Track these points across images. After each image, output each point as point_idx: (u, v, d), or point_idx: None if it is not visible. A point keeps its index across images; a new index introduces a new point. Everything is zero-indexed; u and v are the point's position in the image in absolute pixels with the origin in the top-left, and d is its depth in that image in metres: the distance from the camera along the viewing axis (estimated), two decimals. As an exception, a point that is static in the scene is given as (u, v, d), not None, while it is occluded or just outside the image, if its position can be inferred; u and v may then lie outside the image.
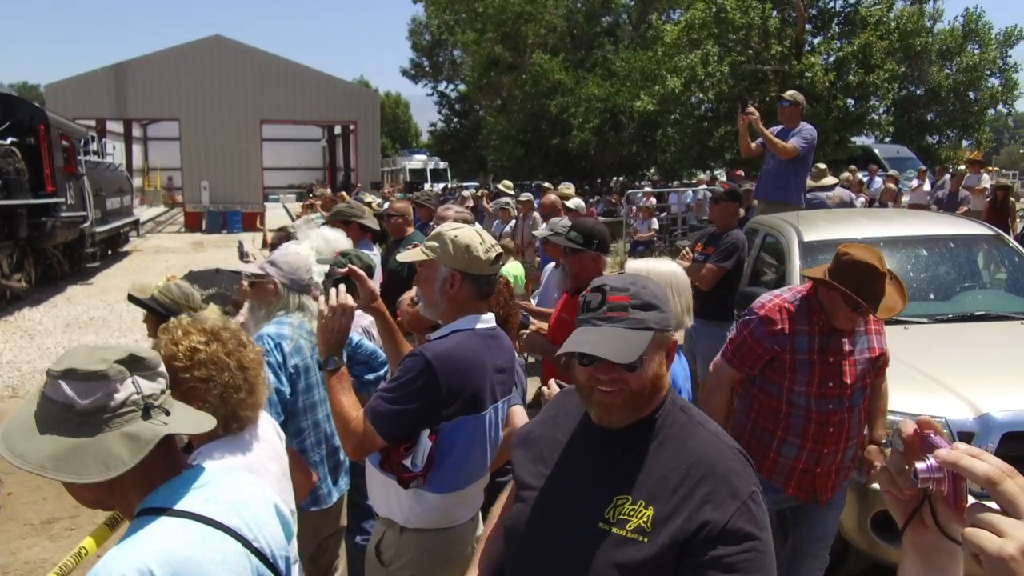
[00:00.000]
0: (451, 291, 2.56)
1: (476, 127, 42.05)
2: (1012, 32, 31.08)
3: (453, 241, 2.53)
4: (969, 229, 5.61)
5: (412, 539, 2.57)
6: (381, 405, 2.41)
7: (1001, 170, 46.41)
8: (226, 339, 2.12)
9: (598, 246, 3.99)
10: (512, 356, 2.77)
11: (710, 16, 20.81)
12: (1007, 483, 0.87)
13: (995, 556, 0.84)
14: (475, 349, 2.53)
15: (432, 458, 2.45)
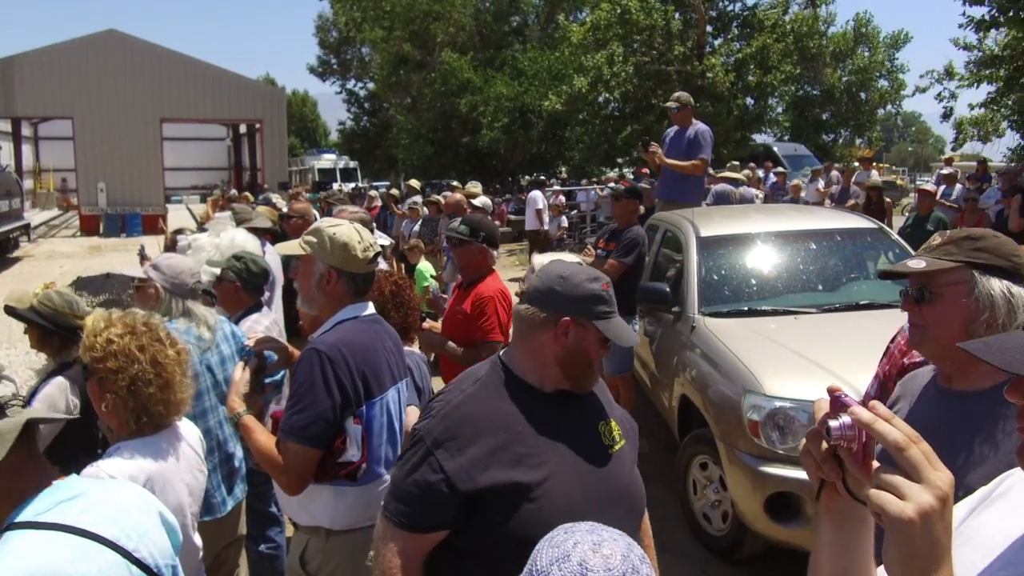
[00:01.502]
0: (327, 287, 2.55)
1: (386, 126, 41.62)
2: (898, 35, 32.76)
3: (331, 238, 2.52)
4: (854, 223, 5.89)
5: (339, 542, 2.53)
6: (296, 419, 2.35)
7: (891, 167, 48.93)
8: (141, 333, 2.23)
9: (484, 239, 4.08)
10: (397, 339, 2.78)
11: (615, 17, 21.16)
12: (912, 449, 0.91)
13: (895, 517, 0.89)
14: (363, 332, 2.53)
15: (365, 442, 2.44)
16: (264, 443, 2.43)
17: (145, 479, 2.17)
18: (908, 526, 0.88)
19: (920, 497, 0.89)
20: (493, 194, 26.51)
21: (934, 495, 0.89)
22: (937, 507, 0.89)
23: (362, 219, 4.47)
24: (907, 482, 0.90)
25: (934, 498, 0.89)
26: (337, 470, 2.40)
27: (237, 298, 3.94)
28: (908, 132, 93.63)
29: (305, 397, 2.35)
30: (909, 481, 0.90)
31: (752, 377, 4.05)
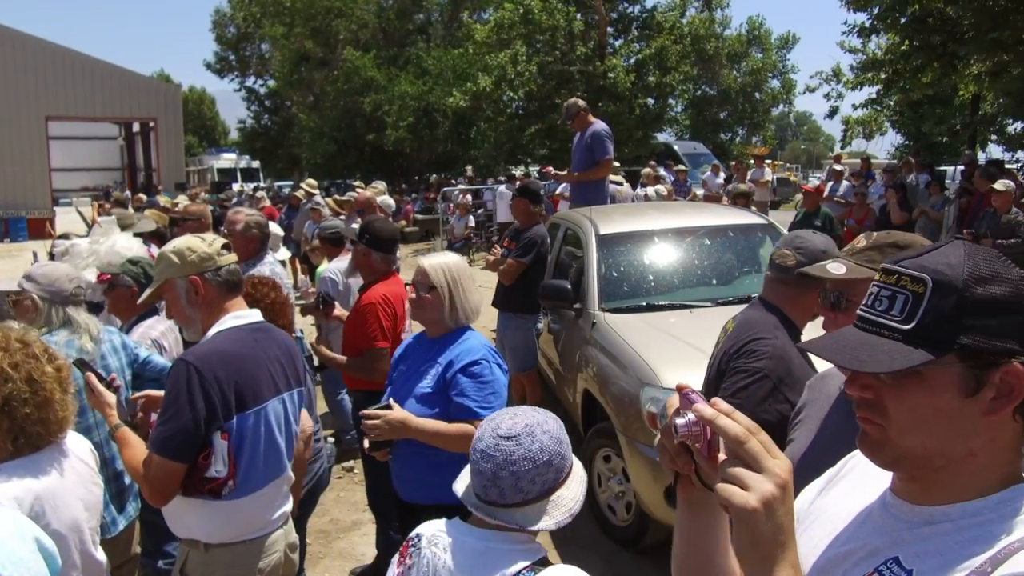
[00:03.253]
0: (198, 297, 2.52)
1: (288, 124, 40.78)
2: (788, 37, 34.19)
3: (174, 252, 2.53)
4: (747, 219, 6.11)
5: (218, 555, 2.47)
6: (161, 431, 2.32)
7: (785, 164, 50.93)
8: (15, 350, 2.10)
9: (368, 241, 4.06)
10: (288, 346, 2.73)
11: (518, 17, 21.33)
12: (752, 441, 0.97)
13: (741, 507, 0.94)
14: (241, 342, 2.49)
15: (233, 457, 2.39)
16: (134, 455, 2.39)
17: (33, 499, 2.07)
18: (752, 515, 0.93)
19: (762, 486, 0.94)
20: (400, 193, 26.31)
21: (774, 483, 0.94)
22: (778, 494, 0.94)
23: (258, 222, 4.37)
24: (749, 473, 0.95)
25: (774, 486, 0.94)
26: (202, 485, 2.35)
27: (133, 303, 3.79)
28: (801, 131, 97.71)
29: (170, 409, 2.31)
30: (751, 472, 0.95)
31: (649, 370, 4.15)
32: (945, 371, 1.00)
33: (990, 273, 1.01)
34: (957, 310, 1.00)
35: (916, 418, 1.02)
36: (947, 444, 1.02)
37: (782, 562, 0.95)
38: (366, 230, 4.13)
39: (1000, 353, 0.98)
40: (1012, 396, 0.99)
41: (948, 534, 1.02)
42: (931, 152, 24.34)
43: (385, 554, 4.26)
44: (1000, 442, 1.03)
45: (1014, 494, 1.02)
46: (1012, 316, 0.99)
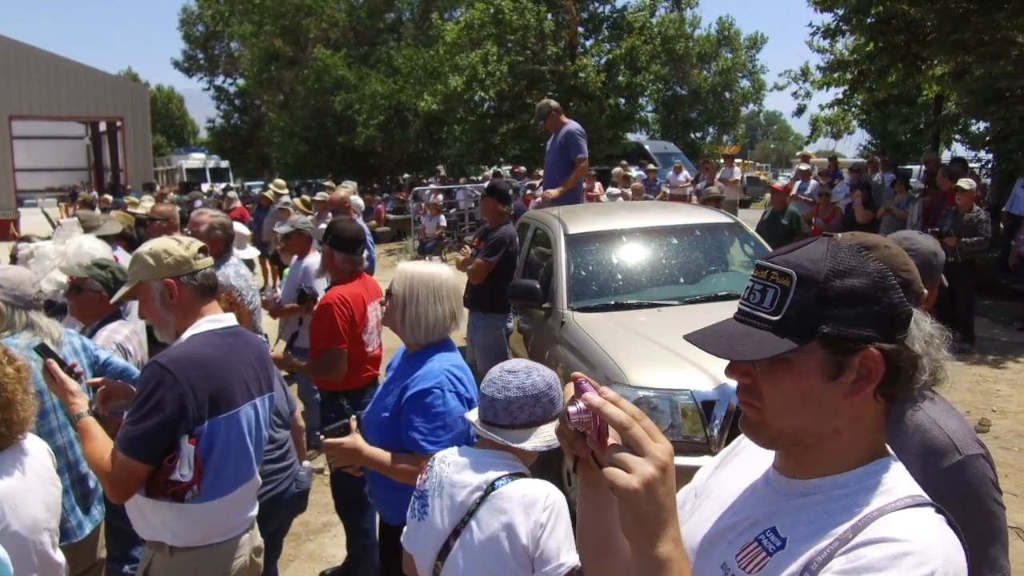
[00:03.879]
0: (172, 301, 2.50)
1: (258, 124, 40.41)
2: (757, 37, 34.53)
3: (150, 254, 2.50)
4: (713, 218, 6.18)
5: (183, 559, 2.46)
6: (129, 430, 2.31)
7: (755, 163, 51.36)
8: None
9: (331, 241, 4.08)
10: (261, 352, 2.73)
11: (488, 17, 21.32)
12: (635, 427, 1.04)
13: (624, 489, 1.01)
14: (215, 347, 2.48)
15: (199, 462, 2.37)
16: (95, 448, 2.37)
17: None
18: (635, 495, 1.00)
19: (643, 469, 1.01)
20: (371, 193, 26.19)
21: (655, 465, 1.01)
22: (658, 475, 1.01)
23: (222, 223, 4.35)
24: (632, 456, 1.03)
25: (655, 468, 1.01)
26: (165, 487, 2.34)
27: (100, 307, 3.75)
28: (770, 130, 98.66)
29: (140, 408, 2.31)
30: (634, 456, 1.03)
31: (617, 368, 4.19)
32: (810, 357, 1.09)
33: (849, 267, 1.09)
34: (818, 302, 1.08)
35: (786, 401, 1.11)
36: (815, 424, 1.11)
37: (664, 538, 1.01)
38: (330, 230, 4.15)
39: (858, 340, 1.07)
40: (870, 378, 1.09)
41: (819, 504, 1.11)
42: (897, 151, 24.73)
43: (354, 556, 4.26)
44: (863, 420, 1.13)
45: (877, 467, 1.13)
46: (868, 306, 1.08)
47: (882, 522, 1.05)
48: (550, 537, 2.00)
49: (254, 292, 4.69)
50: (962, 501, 1.57)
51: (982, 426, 6.59)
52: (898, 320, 1.11)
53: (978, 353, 8.74)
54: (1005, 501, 5.19)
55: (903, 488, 1.11)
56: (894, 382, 1.11)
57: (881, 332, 1.09)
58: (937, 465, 1.60)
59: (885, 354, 1.09)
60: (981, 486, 1.60)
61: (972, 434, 1.65)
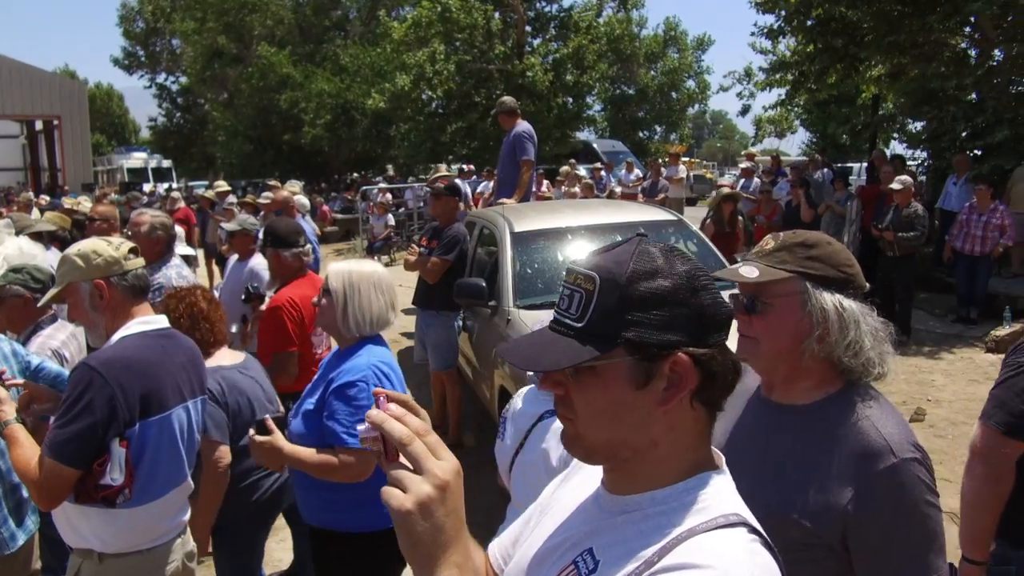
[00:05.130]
0: (102, 302, 2.46)
1: (202, 122, 39.71)
2: (703, 39, 35.07)
3: (79, 255, 2.47)
4: (657, 216, 6.27)
5: (113, 566, 2.42)
6: (57, 434, 2.25)
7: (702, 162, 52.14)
8: None
9: (273, 241, 4.08)
10: (194, 355, 2.69)
11: (436, 15, 21.25)
12: (415, 444, 0.98)
13: (396, 509, 0.94)
14: (146, 348, 2.44)
15: (131, 466, 2.34)
16: (22, 454, 2.31)
17: None
18: (407, 516, 0.94)
19: (419, 488, 0.95)
20: (319, 193, 25.91)
21: (432, 484, 0.95)
22: (435, 495, 0.95)
23: (163, 223, 4.27)
24: (408, 475, 0.96)
25: (432, 488, 0.95)
26: (95, 492, 2.30)
27: (26, 313, 3.64)
28: (717, 129, 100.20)
29: (68, 412, 2.25)
30: (411, 474, 0.96)
31: (562, 366, 4.21)
32: (616, 365, 1.03)
33: (653, 269, 1.03)
34: (620, 306, 1.01)
35: (596, 411, 1.05)
36: (629, 435, 1.05)
37: (443, 563, 0.95)
38: (268, 233, 4.12)
39: (665, 345, 1.01)
40: (682, 385, 1.03)
41: (636, 523, 1.05)
42: (838, 150, 25.34)
43: (301, 560, 4.22)
44: (680, 430, 1.06)
45: (696, 482, 1.06)
46: (675, 309, 1.02)
47: (688, 545, 0.98)
48: None
49: (195, 293, 4.60)
50: (896, 506, 1.55)
51: (918, 415, 6.80)
52: (712, 323, 1.04)
53: (915, 345, 9.02)
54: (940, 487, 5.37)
55: (719, 506, 1.04)
56: (710, 388, 1.05)
57: (691, 336, 1.02)
58: (871, 467, 1.56)
59: (697, 359, 1.02)
60: (914, 490, 1.56)
61: (910, 437, 1.62)
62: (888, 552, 1.56)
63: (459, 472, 0.99)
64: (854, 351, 1.62)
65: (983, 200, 9.30)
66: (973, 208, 9.39)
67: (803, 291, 1.63)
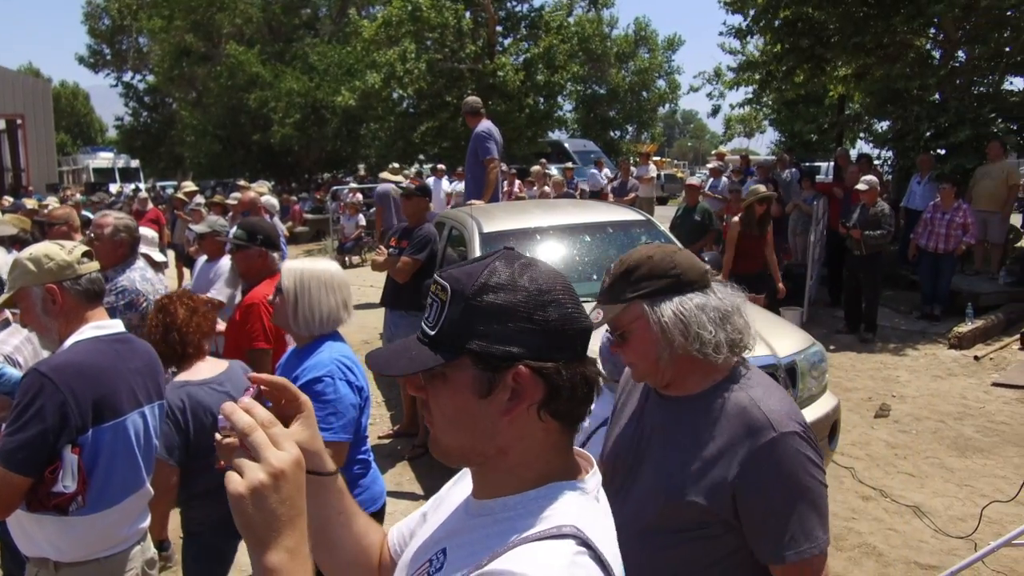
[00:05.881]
0: (55, 307, 2.44)
1: (169, 121, 39.22)
2: (673, 39, 35.30)
3: (30, 259, 2.44)
4: (625, 216, 6.30)
5: (69, 574, 2.38)
6: (8, 442, 2.22)
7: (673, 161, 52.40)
8: None
9: (263, 241, 4.03)
10: (151, 359, 2.66)
11: (406, 14, 21.18)
12: (256, 433, 1.01)
13: (230, 493, 0.98)
14: (100, 354, 2.41)
15: (83, 473, 2.30)
16: None
17: None
18: (240, 500, 0.97)
19: (253, 474, 0.98)
20: (289, 193, 25.71)
21: (267, 472, 0.98)
22: (268, 482, 0.97)
23: (127, 225, 4.21)
24: (247, 462, 1.00)
25: (266, 475, 0.98)
26: (47, 500, 2.27)
27: None
28: (687, 128, 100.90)
29: (19, 419, 2.22)
30: (250, 461, 1.00)
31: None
32: (462, 373, 1.06)
33: (502, 282, 1.05)
34: (465, 316, 1.05)
35: (446, 416, 1.10)
36: (478, 442, 1.09)
37: (275, 547, 0.97)
38: (258, 232, 4.08)
39: (505, 357, 1.04)
40: (523, 397, 1.05)
41: (486, 527, 1.09)
42: (806, 149, 25.63)
43: None
44: (530, 441, 1.09)
45: (546, 492, 1.09)
46: (517, 323, 1.04)
47: (515, 552, 1.01)
48: None
49: (163, 295, 4.54)
50: (776, 477, 1.66)
51: (883, 411, 6.90)
52: (557, 338, 1.06)
53: (880, 342, 9.15)
54: (902, 481, 5.45)
55: (559, 517, 1.05)
56: (556, 401, 1.06)
57: (533, 349, 1.04)
58: (754, 443, 1.68)
59: (539, 372, 1.05)
60: (795, 461, 1.67)
61: (793, 413, 1.74)
62: (771, 522, 1.67)
63: (298, 463, 1.01)
64: (699, 343, 1.73)
65: (947, 199, 9.45)
66: (937, 207, 9.54)
67: (643, 313, 1.77)
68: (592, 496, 1.12)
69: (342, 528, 1.31)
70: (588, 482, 1.13)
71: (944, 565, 4.35)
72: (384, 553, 1.37)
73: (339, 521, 1.31)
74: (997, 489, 5.37)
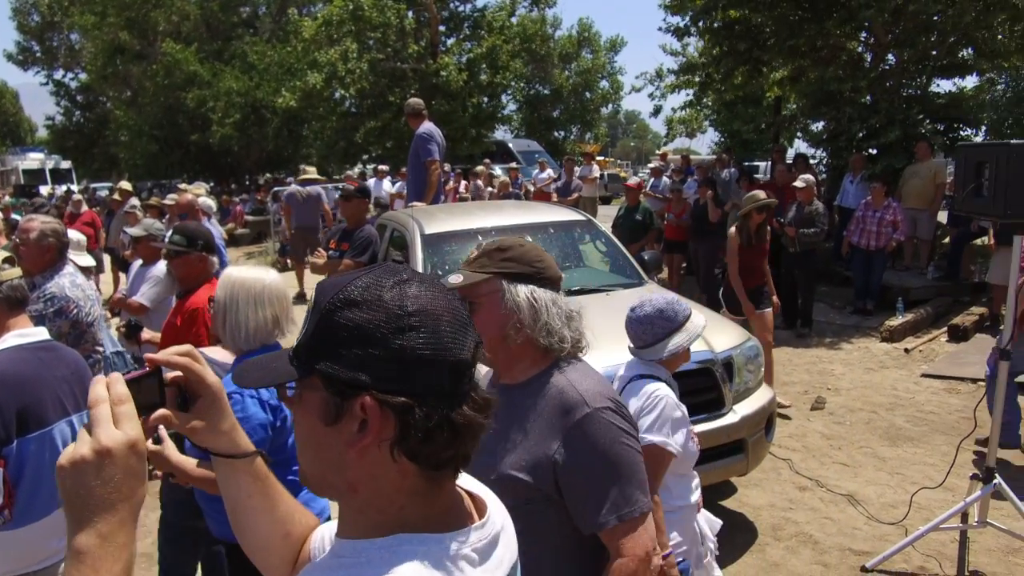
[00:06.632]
0: None
1: (103, 121, 38.09)
2: (616, 40, 35.68)
3: None
4: (566, 216, 6.35)
5: None
6: None
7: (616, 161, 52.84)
8: None
9: (203, 246, 3.94)
10: (78, 367, 2.60)
11: (348, 13, 20.97)
12: (97, 408, 0.97)
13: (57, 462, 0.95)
14: (23, 362, 2.36)
15: (8, 486, 2.24)
16: None
17: None
18: (59, 471, 0.94)
19: (78, 447, 0.95)
20: (229, 194, 25.23)
21: (91, 448, 0.93)
22: (91, 459, 0.93)
23: (54, 229, 4.09)
24: (81, 432, 0.97)
25: (90, 451, 0.93)
26: None
27: None
28: (630, 128, 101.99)
29: None
30: (84, 432, 0.96)
31: (473, 367, 4.23)
32: (313, 395, 0.97)
33: (365, 298, 0.95)
34: (319, 332, 0.96)
35: (300, 439, 1.01)
36: (327, 472, 0.99)
37: (86, 529, 0.92)
38: (197, 237, 3.99)
39: (352, 384, 0.93)
40: (370, 431, 0.93)
41: (332, 570, 0.97)
42: (745, 149, 26.16)
43: (210, 570, 4.11)
44: (381, 481, 0.97)
45: (391, 543, 0.96)
46: (370, 346, 0.92)
47: None
48: (643, 416, 2.62)
49: (93, 303, 4.42)
50: (592, 448, 1.78)
51: (818, 404, 7.09)
52: (416, 369, 0.93)
53: (816, 336, 9.40)
54: (836, 471, 5.60)
55: (401, 572, 0.93)
56: (409, 441, 0.94)
57: (382, 380, 0.92)
58: (570, 420, 1.79)
59: (390, 407, 0.93)
60: (608, 432, 1.79)
61: (607, 391, 1.87)
62: (591, 490, 1.79)
63: (132, 446, 0.96)
64: (547, 331, 1.87)
65: (877, 197, 9.75)
66: (868, 205, 9.84)
67: (500, 288, 1.88)
68: (456, 555, 0.98)
69: (255, 512, 1.28)
70: (461, 537, 1.01)
71: (877, 550, 4.51)
72: (306, 549, 1.31)
73: (250, 505, 1.27)
74: (926, 476, 5.57)
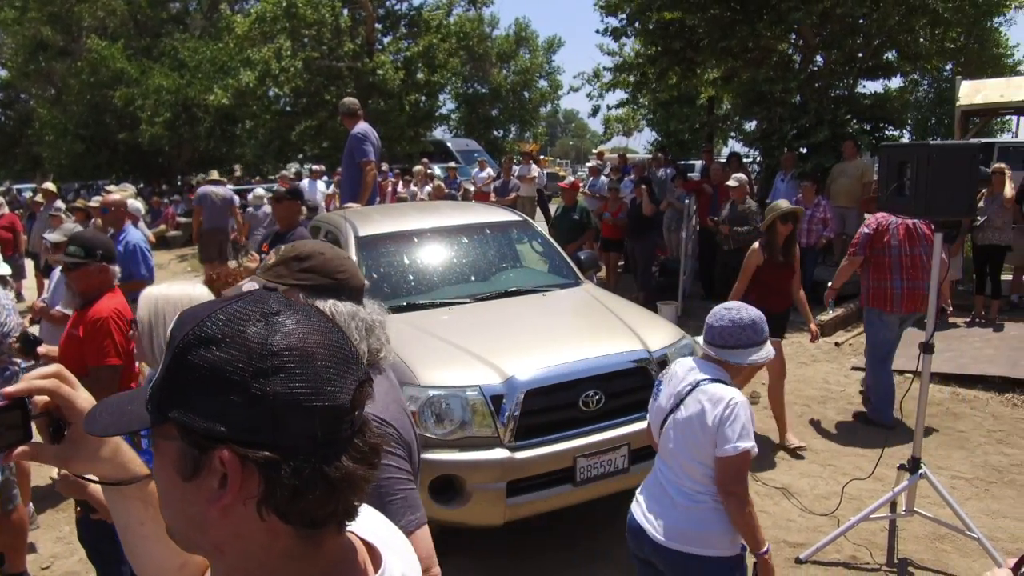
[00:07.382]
0: None
1: (26, 120, 36.64)
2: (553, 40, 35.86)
3: None
4: (502, 217, 6.33)
5: None
6: None
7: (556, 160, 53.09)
8: None
9: (102, 256, 3.81)
10: None
11: (281, 10, 20.59)
12: None
13: None
14: None
15: None
16: None
17: None
18: None
19: None
20: (160, 195, 24.56)
21: None
22: None
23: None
24: None
25: None
26: None
27: None
28: (569, 128, 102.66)
29: None
30: None
31: (407, 370, 4.18)
32: (169, 445, 0.85)
33: (224, 334, 0.81)
34: (172, 372, 0.83)
35: (160, 492, 0.90)
36: (189, 531, 0.87)
37: None
38: (96, 247, 3.83)
39: (210, 435, 0.81)
40: (230, 487, 0.81)
41: None
42: (681, 148, 26.55)
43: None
44: (248, 542, 0.85)
45: None
46: (225, 393, 0.80)
47: None
48: (727, 426, 2.66)
49: (8, 313, 4.23)
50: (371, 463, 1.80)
51: (753, 398, 7.20)
52: (282, 419, 0.80)
53: (750, 333, 9.56)
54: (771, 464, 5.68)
55: None
56: (274, 499, 0.81)
57: (242, 430, 0.80)
58: None
59: (252, 462, 0.80)
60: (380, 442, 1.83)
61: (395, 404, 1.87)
62: None
63: None
64: None
65: (808, 196, 9.98)
66: (799, 203, 10.06)
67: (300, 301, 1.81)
68: None
69: (147, 541, 1.24)
70: None
71: (811, 542, 4.60)
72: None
73: (142, 532, 1.24)
74: (857, 467, 5.71)
